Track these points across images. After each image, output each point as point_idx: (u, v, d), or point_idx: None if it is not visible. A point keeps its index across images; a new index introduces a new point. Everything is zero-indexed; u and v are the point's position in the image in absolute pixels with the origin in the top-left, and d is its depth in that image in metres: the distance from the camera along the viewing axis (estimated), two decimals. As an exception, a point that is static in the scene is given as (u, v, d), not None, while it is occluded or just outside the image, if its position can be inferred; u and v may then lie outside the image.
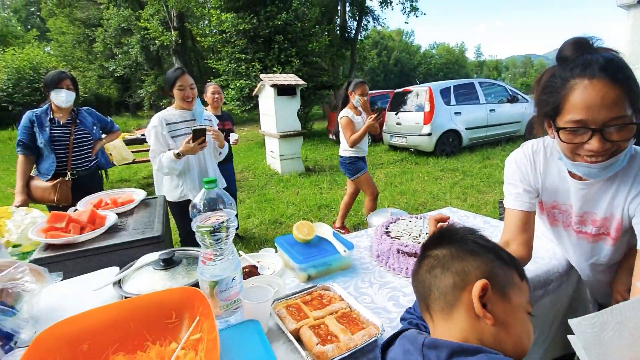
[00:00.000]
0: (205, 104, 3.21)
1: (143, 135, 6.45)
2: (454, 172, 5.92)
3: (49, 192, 2.25)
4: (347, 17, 16.68)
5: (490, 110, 7.52)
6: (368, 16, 17.24)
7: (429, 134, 6.90)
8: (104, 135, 2.72)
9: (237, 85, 9.91)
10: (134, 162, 5.87)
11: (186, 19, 15.63)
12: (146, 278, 0.96)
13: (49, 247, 1.15)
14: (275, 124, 6.17)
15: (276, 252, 1.33)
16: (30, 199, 2.31)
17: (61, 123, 2.34)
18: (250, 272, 1.17)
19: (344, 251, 1.19)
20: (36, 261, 1.10)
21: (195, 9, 13.77)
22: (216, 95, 3.19)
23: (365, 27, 17.57)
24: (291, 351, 0.81)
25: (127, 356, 0.72)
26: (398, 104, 7.61)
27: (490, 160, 6.65)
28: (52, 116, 2.32)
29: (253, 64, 9.92)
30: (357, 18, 16.59)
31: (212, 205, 0.84)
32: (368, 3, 16.65)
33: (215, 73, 11.28)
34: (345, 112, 3.00)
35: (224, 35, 10.67)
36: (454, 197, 4.61)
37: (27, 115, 2.31)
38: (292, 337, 0.80)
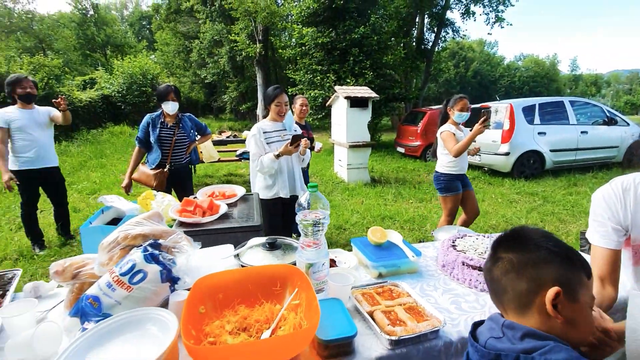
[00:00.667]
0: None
1: (228, 137, 7.23)
2: (532, 197, 5.53)
3: (151, 178, 2.85)
4: (424, 29, 16.44)
5: (582, 132, 6.83)
6: (447, 28, 16.76)
7: (507, 154, 6.53)
8: (198, 137, 3.27)
9: (312, 95, 10.46)
10: (219, 160, 6.62)
11: (270, 32, 16.91)
12: (254, 255, 1.23)
13: (181, 224, 1.53)
14: (345, 134, 6.43)
15: (348, 250, 1.53)
16: (134, 180, 2.96)
17: (168, 126, 2.94)
18: (330, 264, 1.39)
19: (412, 256, 1.35)
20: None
21: (279, 24, 14.87)
22: (304, 107, 3.56)
23: (443, 38, 17.10)
24: (365, 328, 1.00)
25: (247, 308, 0.98)
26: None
27: (578, 187, 6.05)
28: (162, 119, 2.94)
29: (328, 75, 10.39)
30: (435, 30, 16.26)
31: (312, 204, 1.08)
32: (448, 15, 16.17)
33: (292, 83, 12.05)
34: (447, 127, 3.01)
35: (303, 48, 11.37)
36: (529, 224, 4.35)
37: (146, 117, 2.96)
38: (368, 317, 0.99)
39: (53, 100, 3.18)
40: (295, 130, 2.58)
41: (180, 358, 0.84)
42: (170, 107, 2.87)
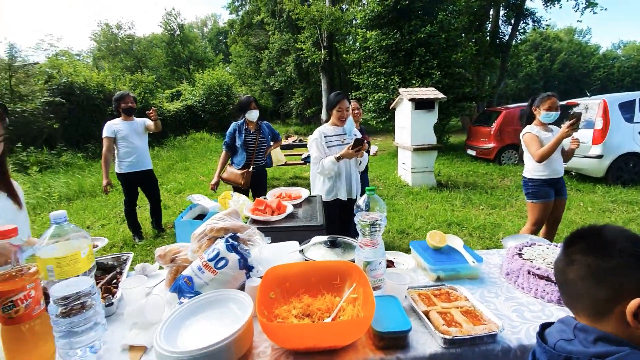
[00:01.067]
0: None
1: (294, 141, 7.60)
2: (631, 206, 4.81)
3: (239, 177, 3.25)
4: (499, 22, 15.20)
5: (700, 130, 5.73)
6: (527, 19, 15.25)
7: (600, 157, 5.76)
8: (271, 143, 3.57)
9: (375, 97, 10.43)
10: (285, 164, 7.00)
11: (334, 38, 17.29)
12: (316, 251, 1.36)
13: (254, 221, 1.72)
14: (410, 137, 6.31)
15: (408, 253, 1.57)
16: (223, 180, 3.36)
17: (251, 132, 3.32)
18: (388, 265, 1.44)
19: (473, 262, 1.34)
20: (246, 229, 1.66)
21: (343, 29, 15.13)
22: (356, 111, 3.64)
23: (522, 30, 15.60)
24: (420, 326, 1.04)
25: (311, 297, 1.09)
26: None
27: (694, 195, 5.09)
28: (246, 126, 3.32)
29: (392, 77, 10.26)
30: (512, 22, 14.94)
31: (370, 206, 1.15)
32: (528, 4, 14.69)
33: (356, 86, 12.14)
34: (529, 129, 2.80)
35: (366, 51, 11.39)
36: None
37: (233, 125, 3.37)
38: (423, 315, 1.03)
39: (146, 112, 3.75)
40: (356, 135, 2.66)
41: (255, 333, 0.99)
42: (253, 115, 3.25)
